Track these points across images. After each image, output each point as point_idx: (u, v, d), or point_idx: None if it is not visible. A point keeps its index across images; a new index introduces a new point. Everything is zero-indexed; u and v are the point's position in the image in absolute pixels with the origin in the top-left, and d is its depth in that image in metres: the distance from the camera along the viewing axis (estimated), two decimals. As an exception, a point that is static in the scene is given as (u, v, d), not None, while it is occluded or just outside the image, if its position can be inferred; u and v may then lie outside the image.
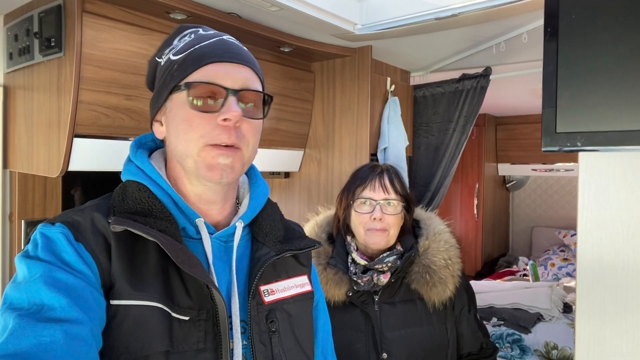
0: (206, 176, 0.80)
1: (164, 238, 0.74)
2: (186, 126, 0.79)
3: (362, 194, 1.40)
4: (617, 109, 0.78)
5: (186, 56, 0.81)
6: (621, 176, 0.93)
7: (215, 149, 0.79)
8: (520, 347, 2.62)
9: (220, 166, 0.79)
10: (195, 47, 0.81)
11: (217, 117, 0.78)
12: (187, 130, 0.79)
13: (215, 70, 0.79)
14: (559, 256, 4.16)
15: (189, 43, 0.83)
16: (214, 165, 0.79)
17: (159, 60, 0.87)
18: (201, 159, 0.79)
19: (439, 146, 2.34)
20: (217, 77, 0.79)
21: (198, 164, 0.80)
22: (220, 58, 0.80)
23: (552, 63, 0.84)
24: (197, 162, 0.80)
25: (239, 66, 0.82)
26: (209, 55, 0.80)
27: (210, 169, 0.79)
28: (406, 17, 1.62)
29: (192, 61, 0.80)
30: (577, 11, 0.82)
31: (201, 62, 0.80)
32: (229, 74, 0.80)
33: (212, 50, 0.81)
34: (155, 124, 0.87)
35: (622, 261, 0.94)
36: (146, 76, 0.93)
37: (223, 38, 0.85)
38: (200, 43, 0.82)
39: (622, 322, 0.94)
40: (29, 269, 0.70)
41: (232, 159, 0.80)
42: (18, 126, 1.47)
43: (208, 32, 0.87)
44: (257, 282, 0.85)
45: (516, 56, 2.12)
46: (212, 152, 0.79)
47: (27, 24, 1.36)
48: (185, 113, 0.79)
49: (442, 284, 1.37)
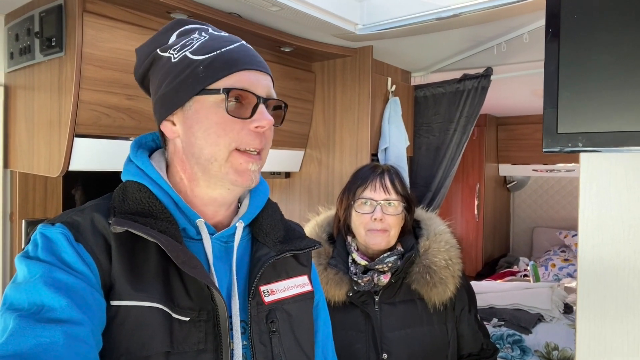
0: (236, 181, 0.81)
1: (165, 239, 0.74)
2: (219, 130, 0.79)
3: (363, 194, 1.40)
4: (618, 110, 0.78)
5: (214, 58, 0.80)
6: (622, 177, 0.93)
7: (245, 155, 0.81)
8: (520, 348, 2.61)
9: (249, 172, 0.81)
10: (223, 51, 0.81)
11: (249, 124, 0.80)
12: (219, 134, 0.79)
13: (247, 78, 0.80)
14: (559, 257, 4.16)
15: (208, 44, 0.82)
16: (244, 171, 0.81)
17: (163, 55, 0.83)
18: (230, 164, 0.80)
19: (440, 146, 2.34)
20: (251, 85, 0.80)
21: (227, 169, 0.80)
22: (251, 65, 0.81)
23: (554, 63, 0.84)
24: (224, 167, 0.80)
25: (264, 74, 0.84)
26: (241, 62, 0.81)
27: (240, 175, 0.81)
28: (407, 17, 1.62)
29: (222, 65, 0.79)
30: (579, 12, 0.82)
31: (233, 68, 0.80)
32: (259, 82, 0.82)
33: (242, 56, 0.82)
34: (166, 122, 0.84)
35: (622, 262, 0.93)
36: (137, 68, 0.90)
37: (244, 44, 0.85)
38: (225, 46, 0.82)
39: (622, 323, 0.94)
40: (29, 270, 0.70)
41: (259, 165, 0.83)
42: (19, 126, 1.47)
43: (222, 34, 0.86)
44: (257, 282, 0.85)
45: (517, 56, 2.12)
46: (241, 158, 0.80)
47: (28, 24, 1.36)
48: (219, 117, 0.79)
49: (442, 284, 1.37)
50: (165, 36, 0.86)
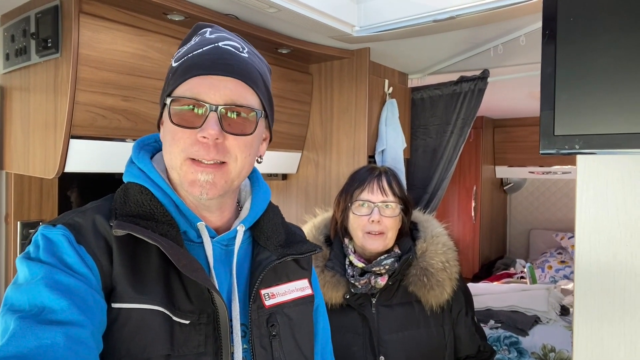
0: (188, 191, 0.80)
1: (166, 242, 0.74)
2: (170, 139, 0.79)
3: (360, 196, 1.40)
4: (615, 112, 0.78)
5: (179, 65, 0.80)
6: (619, 179, 0.93)
7: (195, 165, 0.78)
8: (517, 350, 2.61)
9: (199, 183, 0.78)
10: (188, 56, 0.80)
11: (197, 133, 0.76)
12: (170, 143, 0.79)
13: (200, 84, 0.77)
14: (556, 259, 4.16)
15: (188, 49, 0.82)
16: (194, 181, 0.78)
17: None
18: (183, 172, 0.79)
19: (437, 148, 2.34)
20: (200, 92, 0.77)
21: (181, 178, 0.80)
22: (207, 70, 0.77)
23: (550, 65, 0.84)
24: (180, 175, 0.80)
25: (226, 79, 0.78)
26: (196, 67, 0.78)
27: (191, 185, 0.79)
28: (404, 19, 1.62)
29: (182, 71, 0.79)
30: (576, 13, 0.82)
31: (187, 75, 0.78)
32: (214, 88, 0.77)
33: (201, 61, 0.78)
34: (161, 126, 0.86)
35: (619, 264, 0.93)
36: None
37: (219, 45, 0.81)
38: (195, 51, 0.80)
39: (619, 325, 0.94)
40: (30, 271, 0.69)
41: (213, 175, 0.78)
42: (14, 127, 1.47)
43: (211, 37, 0.83)
44: (258, 285, 0.85)
45: (514, 59, 2.13)
46: (191, 167, 0.78)
47: (24, 25, 1.36)
48: (170, 126, 0.79)
49: (439, 286, 1.37)
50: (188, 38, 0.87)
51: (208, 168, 0.78)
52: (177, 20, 1.48)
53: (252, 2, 1.41)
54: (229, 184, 0.81)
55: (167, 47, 1.46)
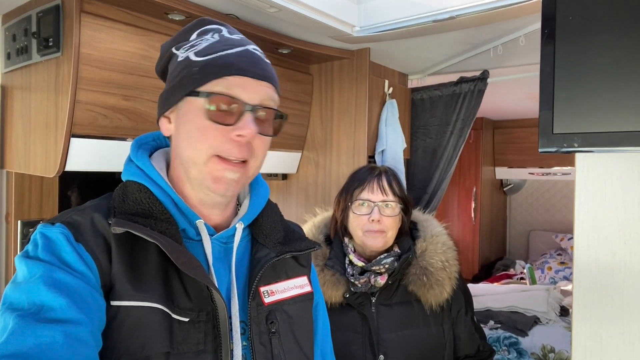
0: (210, 187, 0.80)
1: (165, 240, 0.74)
2: (199, 135, 0.78)
3: (360, 195, 1.40)
4: (614, 110, 0.78)
5: (209, 61, 0.79)
6: (618, 177, 0.93)
7: (223, 162, 0.78)
8: (517, 350, 2.61)
9: (226, 180, 0.79)
10: (220, 54, 0.79)
11: (231, 131, 0.77)
12: (199, 138, 0.78)
13: (237, 83, 0.78)
14: (556, 260, 4.16)
15: (213, 46, 0.81)
16: (220, 179, 0.79)
17: (176, 53, 0.84)
18: (208, 169, 0.79)
19: (437, 149, 2.34)
20: (238, 91, 0.78)
21: (204, 174, 0.79)
22: (244, 71, 0.78)
23: (549, 64, 0.84)
24: (202, 172, 0.79)
25: (260, 82, 0.80)
26: (233, 67, 0.78)
27: (216, 181, 0.79)
28: (404, 20, 1.62)
29: (214, 68, 0.78)
30: (574, 13, 0.82)
31: (223, 72, 0.78)
32: (250, 88, 0.79)
33: (236, 61, 0.79)
34: (162, 119, 0.85)
35: (618, 262, 0.94)
36: (157, 62, 0.91)
37: (248, 49, 0.82)
38: (225, 50, 0.79)
39: (618, 324, 0.94)
40: (28, 269, 0.70)
41: (239, 174, 0.80)
42: (15, 126, 1.47)
43: (232, 37, 0.84)
44: (257, 283, 0.85)
45: (514, 59, 2.13)
46: (219, 164, 0.78)
47: (25, 24, 1.36)
48: (200, 121, 0.78)
49: (439, 285, 1.37)
50: (187, 34, 0.86)
51: (236, 167, 0.79)
52: (178, 19, 1.48)
53: (252, 2, 1.41)
54: (247, 182, 0.85)
55: (168, 46, 1.47)
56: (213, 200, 0.85)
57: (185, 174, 0.82)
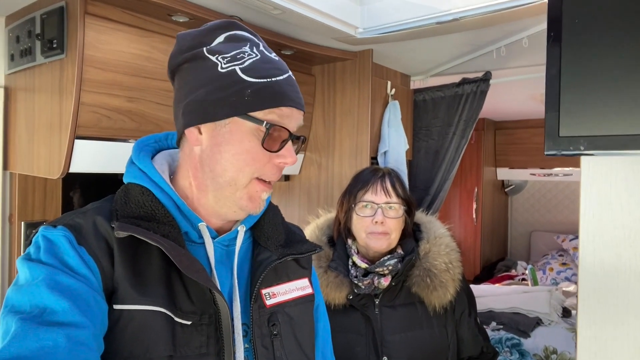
0: (243, 206, 0.82)
1: (167, 243, 0.74)
2: (248, 158, 0.80)
3: (364, 197, 1.40)
4: (620, 113, 0.78)
5: (263, 86, 0.78)
6: (623, 180, 0.93)
7: (262, 184, 0.82)
8: (519, 352, 2.61)
9: (260, 200, 0.84)
10: (272, 80, 0.79)
11: (275, 158, 0.81)
12: (247, 162, 0.80)
13: (287, 114, 0.81)
14: (557, 261, 4.16)
15: (259, 66, 0.80)
16: (256, 198, 0.83)
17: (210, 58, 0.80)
18: (247, 190, 0.81)
19: (439, 150, 2.34)
20: (290, 122, 0.81)
21: (241, 194, 0.81)
22: (294, 103, 0.82)
23: (555, 67, 0.84)
24: (240, 192, 0.81)
25: (300, 112, 0.84)
26: (287, 98, 0.80)
27: (252, 201, 0.83)
28: (407, 21, 1.62)
29: (270, 96, 0.79)
30: (580, 15, 0.82)
31: (279, 102, 0.79)
32: (294, 119, 0.83)
33: (289, 91, 0.81)
34: (193, 129, 0.81)
35: (624, 265, 0.93)
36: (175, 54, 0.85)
37: (291, 76, 0.84)
38: (275, 76, 0.80)
39: (624, 326, 0.94)
40: (31, 272, 0.69)
41: (269, 194, 0.86)
42: (19, 127, 1.47)
43: (272, 56, 0.84)
44: (259, 285, 0.85)
45: (516, 61, 2.13)
46: (258, 186, 0.82)
47: (29, 26, 1.36)
48: (253, 146, 0.79)
49: (442, 287, 1.37)
50: (212, 35, 0.83)
51: (270, 187, 0.85)
52: (182, 21, 1.48)
53: (256, 3, 1.41)
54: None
55: (171, 48, 1.46)
56: (236, 217, 0.87)
57: (215, 190, 0.82)
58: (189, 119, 0.81)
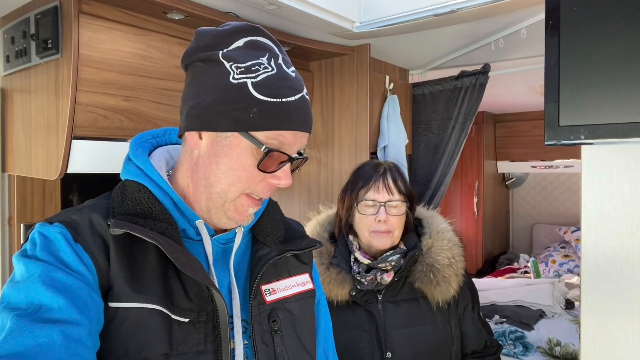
0: (230, 216, 0.82)
1: (164, 240, 0.74)
2: (242, 176, 0.78)
3: (366, 195, 1.39)
4: (620, 101, 0.77)
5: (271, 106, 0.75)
6: (624, 169, 0.92)
7: (250, 199, 0.81)
8: (523, 344, 2.61)
9: (247, 214, 0.83)
10: (283, 101, 0.76)
11: (270, 178, 0.80)
12: (240, 179, 0.79)
13: (290, 139, 0.79)
14: (559, 253, 4.15)
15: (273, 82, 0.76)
16: (243, 212, 0.82)
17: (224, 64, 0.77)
18: (235, 204, 0.81)
19: (439, 144, 2.33)
20: (290, 146, 0.79)
21: (229, 206, 0.81)
22: (299, 127, 0.79)
23: (554, 56, 0.83)
24: (228, 204, 0.80)
25: (306, 135, 0.82)
26: (294, 121, 0.78)
27: (238, 213, 0.81)
28: (404, 14, 1.61)
29: (277, 117, 0.76)
30: (578, 4, 0.81)
31: (285, 125, 0.77)
32: (299, 142, 0.81)
33: (298, 113, 0.78)
34: (194, 134, 0.80)
35: (626, 254, 0.93)
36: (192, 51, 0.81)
37: (304, 95, 0.80)
38: (287, 96, 0.76)
39: (627, 315, 0.93)
40: (27, 269, 0.69)
41: (257, 209, 0.84)
42: (16, 129, 1.46)
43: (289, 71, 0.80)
44: (258, 281, 0.84)
45: (515, 52, 2.12)
46: (246, 201, 0.81)
47: (24, 26, 1.36)
48: (249, 165, 0.78)
49: (445, 282, 1.37)
50: (231, 37, 0.80)
51: (259, 203, 0.83)
52: (177, 19, 1.47)
53: (251, -1, 1.41)
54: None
55: (168, 46, 1.46)
56: (227, 226, 0.85)
57: (206, 197, 0.81)
58: (192, 122, 0.79)
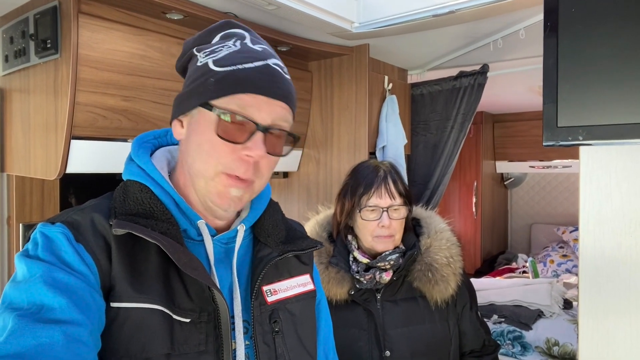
0: (214, 202, 0.79)
1: (166, 240, 0.74)
2: (209, 149, 0.77)
3: (369, 202, 1.38)
4: (619, 102, 0.78)
5: (226, 74, 0.76)
6: (622, 169, 0.92)
7: (230, 179, 0.77)
8: (521, 344, 2.61)
9: (230, 197, 0.78)
10: (238, 67, 0.76)
11: (240, 150, 0.76)
12: (209, 152, 0.77)
13: (251, 102, 0.76)
14: (558, 253, 4.16)
15: (232, 55, 0.78)
16: (225, 195, 0.78)
17: (196, 55, 0.81)
18: (214, 184, 0.78)
19: (437, 144, 2.34)
20: (252, 110, 0.76)
21: (210, 188, 0.78)
22: (261, 90, 0.76)
23: (552, 57, 0.83)
24: (209, 185, 0.78)
25: (275, 102, 0.78)
26: (249, 84, 0.75)
27: (220, 197, 0.78)
28: (404, 15, 1.61)
29: (231, 83, 0.75)
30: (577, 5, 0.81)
31: (239, 89, 0.75)
32: (264, 108, 0.76)
33: (255, 78, 0.76)
34: (175, 122, 0.83)
35: (624, 254, 0.93)
36: (178, 59, 0.88)
37: (269, 63, 0.79)
38: (244, 63, 0.76)
39: (625, 315, 0.93)
40: (28, 269, 0.69)
41: (243, 191, 0.79)
42: (15, 129, 1.46)
43: (254, 47, 0.80)
44: (259, 282, 0.84)
45: (513, 53, 2.12)
46: (226, 180, 0.77)
47: (23, 26, 1.35)
48: (211, 135, 0.76)
49: (444, 282, 1.37)
50: (210, 35, 0.83)
51: (241, 184, 0.78)
52: (176, 19, 1.47)
53: (251, -1, 1.41)
54: (250, 199, 0.83)
55: (167, 46, 1.46)
56: (215, 214, 0.84)
57: (192, 183, 0.81)
58: (173, 113, 0.84)
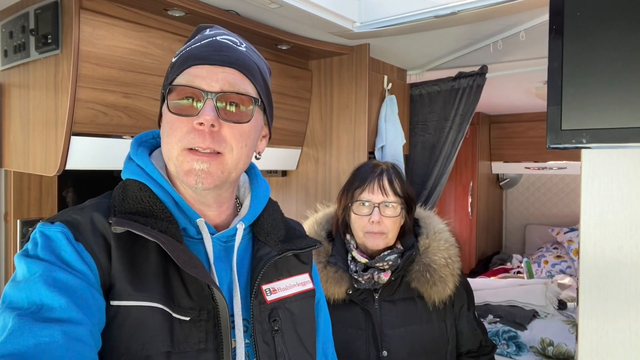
0: (184, 181, 0.79)
1: (165, 239, 0.74)
2: (168, 129, 0.79)
3: (361, 196, 1.39)
4: (623, 106, 0.78)
5: (177, 59, 0.82)
6: (624, 172, 0.93)
7: (191, 154, 0.77)
8: (516, 344, 2.63)
9: (195, 171, 0.77)
10: (188, 49, 0.81)
11: (193, 121, 0.76)
12: (169, 133, 0.79)
13: (197, 73, 0.77)
14: (552, 253, 4.19)
15: (187, 45, 0.84)
16: (190, 171, 0.77)
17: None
18: (179, 162, 0.78)
19: (436, 144, 2.34)
20: (199, 80, 0.77)
21: (177, 168, 0.79)
22: (204, 60, 0.78)
23: (557, 60, 0.84)
24: (176, 165, 0.79)
25: (223, 68, 0.78)
26: (193, 57, 0.79)
27: (187, 174, 0.78)
28: (405, 15, 1.61)
29: (179, 64, 0.80)
30: (582, 8, 0.82)
31: (184, 65, 0.79)
32: (210, 76, 0.77)
33: (198, 52, 0.79)
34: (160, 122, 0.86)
35: (624, 257, 0.94)
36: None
37: (217, 39, 0.82)
38: (194, 44, 0.81)
39: (625, 318, 0.94)
40: (28, 268, 0.69)
41: (208, 164, 0.77)
42: (14, 125, 1.45)
43: (210, 33, 0.85)
44: (259, 281, 0.85)
45: (513, 54, 2.13)
46: (188, 156, 0.77)
47: (23, 21, 1.34)
48: (168, 116, 0.79)
49: (442, 282, 1.38)
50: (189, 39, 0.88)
51: (203, 157, 0.77)
52: (178, 16, 1.46)
53: (253, -3, 1.40)
54: (225, 175, 0.80)
55: (168, 43, 1.45)
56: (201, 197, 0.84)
57: (170, 171, 0.83)
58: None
